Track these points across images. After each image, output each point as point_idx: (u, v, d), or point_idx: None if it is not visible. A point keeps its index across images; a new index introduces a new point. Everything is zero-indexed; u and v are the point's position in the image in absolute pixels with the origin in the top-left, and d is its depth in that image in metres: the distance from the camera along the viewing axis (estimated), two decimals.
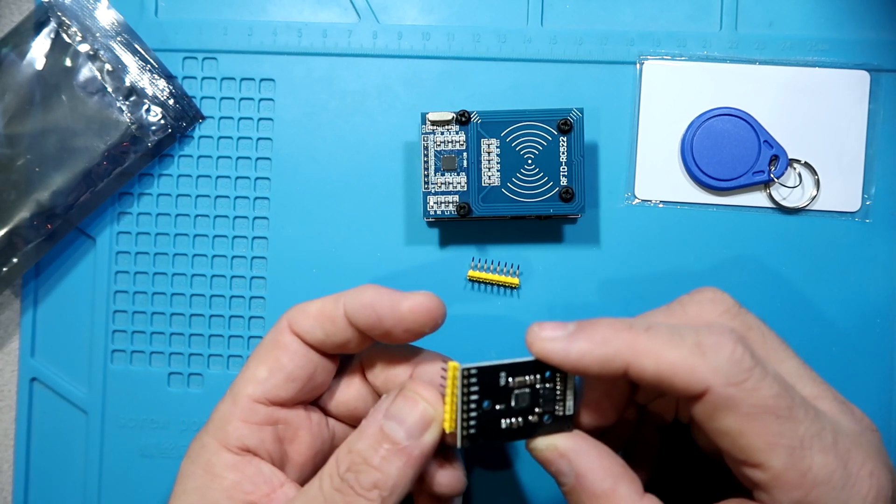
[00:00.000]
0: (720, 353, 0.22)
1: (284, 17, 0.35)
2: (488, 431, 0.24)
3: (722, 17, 0.34)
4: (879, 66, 0.33)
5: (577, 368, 0.24)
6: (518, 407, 0.25)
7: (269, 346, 0.26)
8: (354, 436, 0.24)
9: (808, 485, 0.22)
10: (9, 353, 0.35)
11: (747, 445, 0.22)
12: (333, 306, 0.26)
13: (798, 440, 0.22)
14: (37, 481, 0.35)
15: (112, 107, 0.34)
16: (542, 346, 0.24)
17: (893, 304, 0.33)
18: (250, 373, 0.26)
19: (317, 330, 0.26)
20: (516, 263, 0.34)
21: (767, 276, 0.33)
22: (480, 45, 0.34)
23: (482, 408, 0.24)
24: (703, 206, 0.34)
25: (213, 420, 0.26)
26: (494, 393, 0.24)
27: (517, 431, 0.25)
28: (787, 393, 0.22)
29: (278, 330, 0.27)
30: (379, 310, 0.25)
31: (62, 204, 0.33)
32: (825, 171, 0.33)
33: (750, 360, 0.22)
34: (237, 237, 0.34)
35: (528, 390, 0.25)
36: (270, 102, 0.35)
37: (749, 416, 0.22)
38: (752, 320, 0.25)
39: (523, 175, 0.31)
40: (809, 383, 0.24)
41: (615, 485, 0.23)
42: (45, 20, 0.34)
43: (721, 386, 0.22)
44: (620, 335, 0.23)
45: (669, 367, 0.22)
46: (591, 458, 0.24)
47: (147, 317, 0.35)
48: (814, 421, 0.22)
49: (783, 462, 0.22)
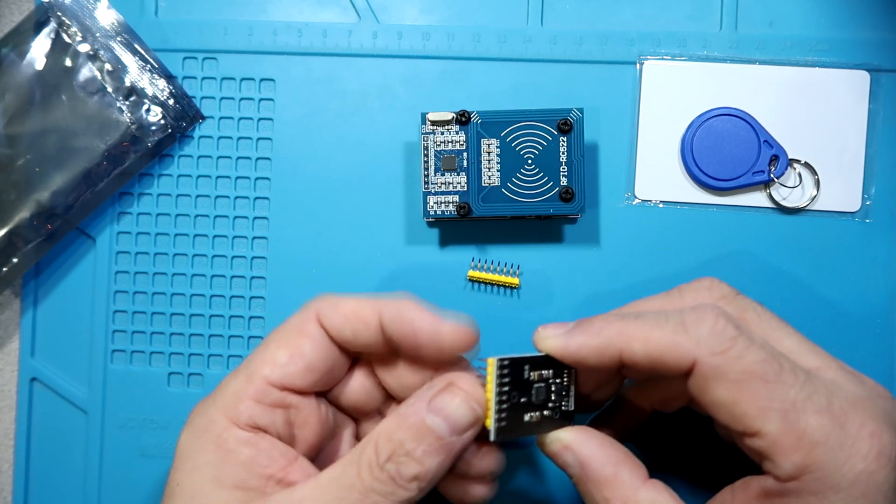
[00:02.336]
0: (701, 326, 0.23)
1: (284, 17, 0.35)
2: (515, 425, 0.25)
3: (722, 17, 0.34)
4: (879, 66, 0.33)
5: (577, 360, 0.25)
6: (537, 401, 0.26)
7: (292, 331, 0.26)
8: (394, 423, 0.24)
9: (806, 446, 0.22)
10: (9, 352, 0.35)
11: (741, 414, 0.23)
12: (370, 311, 0.26)
13: (790, 403, 0.23)
14: (36, 481, 0.35)
15: (112, 107, 0.34)
16: (546, 343, 0.25)
17: (893, 305, 0.33)
18: (269, 354, 0.26)
19: (346, 329, 0.26)
20: (516, 263, 0.34)
21: (767, 276, 0.33)
22: (480, 45, 0.34)
23: (511, 401, 0.25)
24: (703, 206, 0.34)
25: (223, 395, 0.26)
26: (520, 386, 0.25)
27: (535, 425, 0.26)
28: (775, 359, 0.23)
29: (305, 318, 0.26)
30: (418, 329, 0.25)
31: (62, 204, 0.33)
32: (825, 171, 0.33)
33: (733, 330, 0.23)
34: (237, 237, 0.34)
35: (544, 385, 0.26)
36: (270, 102, 0.35)
37: (738, 383, 0.23)
38: (749, 303, 0.26)
39: (523, 175, 0.32)
40: (812, 356, 0.25)
41: (617, 470, 0.24)
42: (45, 20, 0.34)
43: (706, 356, 0.23)
44: (612, 325, 0.25)
45: (657, 347, 0.24)
46: (593, 446, 0.25)
47: (147, 317, 0.35)
48: (805, 384, 0.23)
49: (778, 426, 0.22)
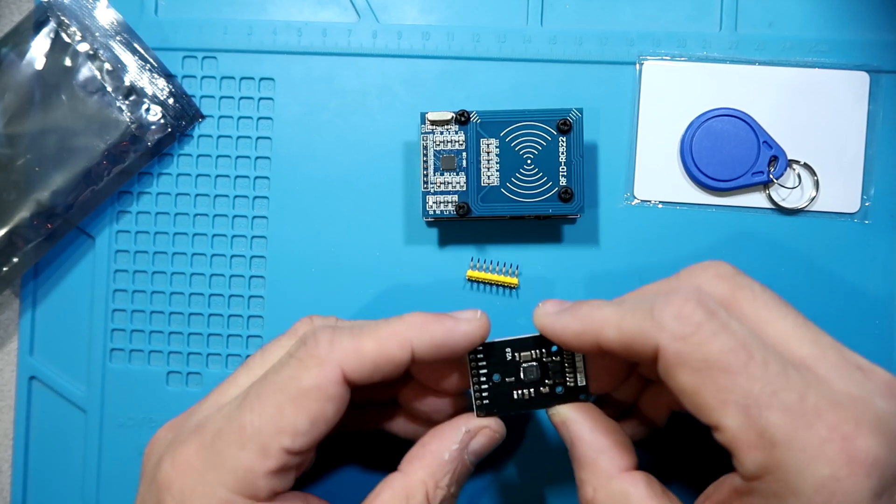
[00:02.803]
0: (666, 311, 0.22)
1: (284, 17, 0.35)
2: (501, 402, 0.28)
3: (722, 18, 0.34)
4: (879, 67, 0.33)
5: (559, 340, 0.26)
6: (528, 379, 0.28)
7: (311, 393, 0.23)
8: (433, 471, 0.26)
9: (766, 445, 0.21)
10: (8, 353, 0.35)
11: (703, 404, 0.22)
12: (398, 349, 0.25)
13: (753, 398, 0.21)
14: (35, 479, 0.35)
15: (112, 106, 0.34)
16: (538, 320, 0.26)
17: (892, 306, 0.33)
18: (286, 422, 0.23)
19: (375, 374, 0.25)
20: (515, 263, 0.34)
21: (766, 276, 0.33)
22: (480, 45, 0.34)
23: (493, 381, 0.28)
24: (702, 207, 0.34)
25: (234, 473, 0.23)
26: (503, 367, 0.28)
27: (530, 402, 0.28)
28: (744, 348, 0.22)
29: (325, 377, 0.24)
30: (450, 340, 0.26)
31: (62, 203, 0.33)
32: (824, 171, 0.33)
33: (701, 315, 0.22)
34: (236, 236, 0.34)
35: (536, 364, 0.28)
36: (270, 101, 0.35)
37: (699, 371, 0.22)
38: (746, 282, 0.24)
39: (522, 175, 0.31)
40: (806, 344, 0.23)
41: (597, 456, 0.25)
42: (45, 20, 0.34)
43: (668, 341, 0.22)
44: (595, 311, 0.24)
45: (627, 332, 0.23)
46: (584, 428, 0.26)
47: (146, 315, 0.35)
48: (776, 377, 0.21)
49: (738, 421, 0.21)
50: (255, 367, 0.27)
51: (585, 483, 0.25)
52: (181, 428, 0.26)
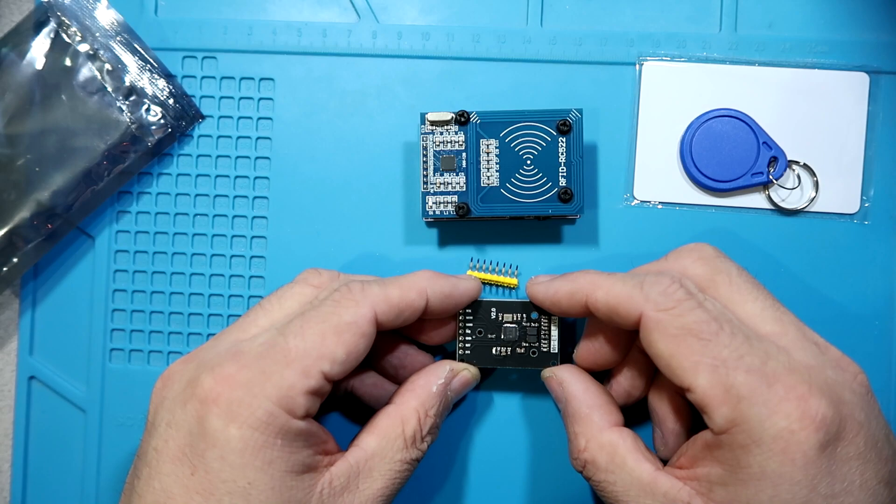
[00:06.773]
0: (655, 287, 0.26)
1: (284, 17, 0.35)
2: (480, 354, 0.32)
3: (721, 19, 0.34)
4: (879, 68, 0.33)
5: (551, 302, 0.29)
6: (507, 339, 0.31)
7: (349, 327, 0.26)
8: (422, 401, 0.29)
9: (733, 400, 0.24)
10: (8, 353, 0.35)
11: (677, 366, 0.25)
12: (417, 297, 0.29)
13: (721, 360, 0.24)
14: (35, 479, 0.35)
15: (112, 106, 0.34)
16: (532, 288, 0.31)
17: (892, 306, 0.33)
18: (328, 350, 0.26)
19: (398, 318, 0.28)
20: (515, 264, 0.34)
21: (766, 277, 0.33)
22: (480, 46, 0.34)
23: (476, 334, 0.31)
24: (701, 208, 0.34)
25: (278, 387, 0.25)
26: (487, 324, 0.32)
27: (505, 359, 0.31)
28: (716, 321, 0.25)
29: (361, 315, 0.27)
30: (455, 293, 0.30)
31: (62, 204, 0.33)
32: (824, 172, 0.33)
33: (682, 294, 0.26)
34: (236, 236, 0.35)
35: (516, 326, 0.31)
36: (270, 102, 0.35)
37: (675, 337, 0.25)
38: (725, 266, 0.28)
39: (522, 175, 0.32)
40: (771, 323, 0.26)
41: (590, 412, 0.29)
42: (45, 20, 0.34)
43: (651, 311, 0.26)
44: (586, 276, 0.28)
45: (615, 297, 0.27)
46: (578, 388, 0.29)
47: (146, 315, 0.35)
48: (741, 345, 0.25)
49: (707, 380, 0.24)
50: (273, 310, 0.28)
51: (578, 435, 0.28)
52: (204, 357, 0.27)
